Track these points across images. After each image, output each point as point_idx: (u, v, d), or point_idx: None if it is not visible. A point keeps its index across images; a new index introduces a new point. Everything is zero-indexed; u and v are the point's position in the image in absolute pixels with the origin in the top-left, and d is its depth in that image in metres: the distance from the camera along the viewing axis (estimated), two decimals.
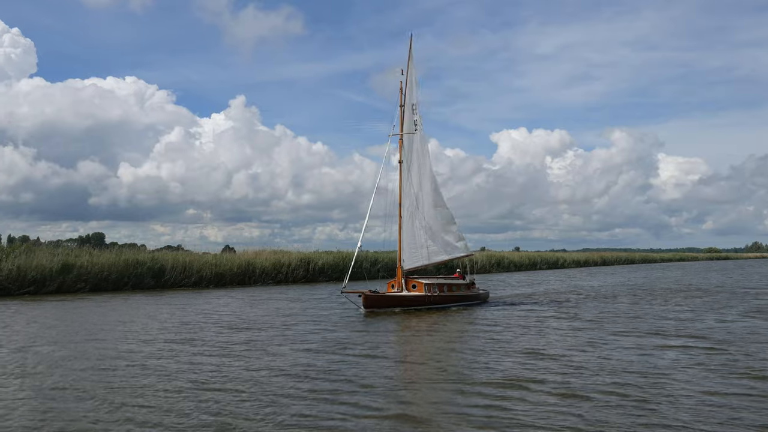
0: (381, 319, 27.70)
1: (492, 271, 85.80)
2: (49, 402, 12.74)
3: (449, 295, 34.07)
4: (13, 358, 17.84)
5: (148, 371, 15.77)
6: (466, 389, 13.78)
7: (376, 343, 20.80)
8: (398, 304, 31.73)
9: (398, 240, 33.93)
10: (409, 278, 33.51)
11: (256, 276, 53.40)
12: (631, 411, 12.03)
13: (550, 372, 15.63)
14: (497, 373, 15.46)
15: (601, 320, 26.65)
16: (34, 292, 39.49)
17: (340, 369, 16.12)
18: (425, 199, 34.78)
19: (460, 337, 22.36)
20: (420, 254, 34.11)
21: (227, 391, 13.55)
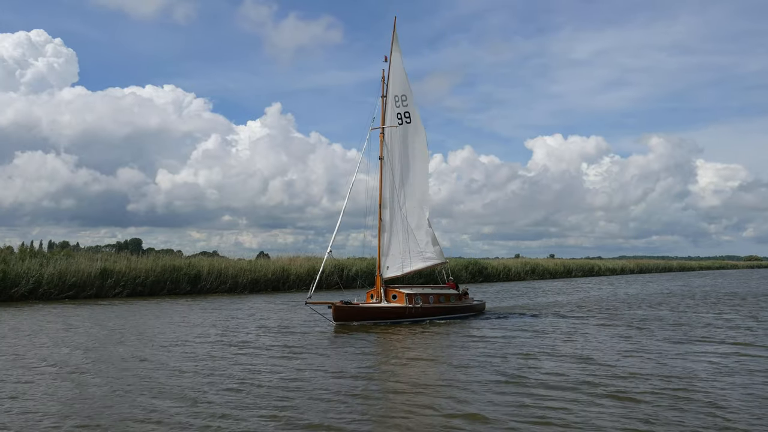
0: (349, 336, 24.49)
1: (526, 278, 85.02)
2: (101, 399, 12.89)
3: (435, 306, 30.56)
4: (73, 357, 18.30)
5: (185, 371, 15.91)
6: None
7: (323, 366, 17.24)
8: (374, 317, 28.41)
9: (378, 245, 30.85)
10: (389, 288, 30.23)
11: (290, 282, 53.64)
12: (693, 415, 11.88)
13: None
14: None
15: (645, 328, 26.21)
16: (74, 297, 40.13)
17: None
18: (412, 200, 31.46)
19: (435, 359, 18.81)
20: (405, 261, 30.99)
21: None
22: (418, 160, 31.69)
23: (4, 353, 19.42)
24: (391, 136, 31.50)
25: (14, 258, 40.93)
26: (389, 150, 31.39)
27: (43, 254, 44.22)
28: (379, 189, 31.09)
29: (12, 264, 39.35)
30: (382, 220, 30.92)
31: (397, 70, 31.43)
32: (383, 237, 30.87)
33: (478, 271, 75.86)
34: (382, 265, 30.68)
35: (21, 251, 43.78)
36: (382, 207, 31.01)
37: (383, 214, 30.96)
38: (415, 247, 31.32)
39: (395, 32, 31.75)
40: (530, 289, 60.58)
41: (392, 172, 31.26)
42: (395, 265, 30.90)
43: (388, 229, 31.03)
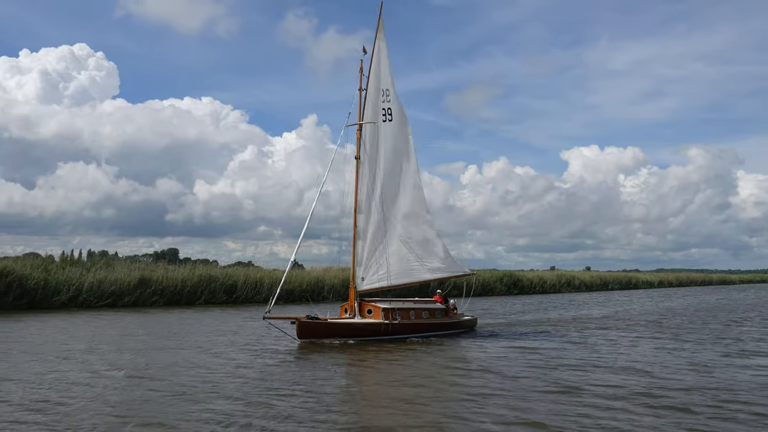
0: (313, 356, 21.65)
1: (562, 290, 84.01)
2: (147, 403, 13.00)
3: (416, 322, 27.56)
4: (136, 361, 18.68)
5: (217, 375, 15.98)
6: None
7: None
8: (344, 334, 25.49)
9: (352, 254, 27.95)
10: (364, 301, 27.35)
11: (324, 292, 53.69)
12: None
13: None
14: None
15: (692, 340, 25.63)
16: (112, 305, 40.68)
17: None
18: (399, 205, 28.71)
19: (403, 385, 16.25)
20: (388, 271, 27.97)
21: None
22: (404, 161, 29.15)
23: (72, 359, 19.90)
24: (371, 134, 28.55)
25: (55, 266, 41.71)
26: (367, 149, 28.43)
27: (83, 263, 44.94)
28: (354, 192, 28.11)
29: (53, 272, 40.11)
30: (357, 227, 27.94)
31: (382, 61, 28.80)
32: (358, 245, 27.94)
33: (513, 283, 75.21)
34: (357, 276, 27.81)
35: (62, 260, 44.56)
36: (358, 212, 28.02)
37: (358, 220, 27.97)
38: (406, 257, 28.46)
39: (381, 19, 29.16)
40: (567, 302, 59.83)
41: (371, 174, 28.34)
42: (373, 277, 27.86)
43: (364, 236, 27.98)
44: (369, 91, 28.59)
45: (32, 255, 49.92)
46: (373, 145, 28.48)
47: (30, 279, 37.96)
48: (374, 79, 28.73)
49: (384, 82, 28.84)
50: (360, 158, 28.21)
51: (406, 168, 29.14)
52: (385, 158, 28.65)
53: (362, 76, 28.60)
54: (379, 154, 28.58)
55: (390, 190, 28.65)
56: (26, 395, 14.69)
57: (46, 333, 26.72)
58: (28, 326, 29.12)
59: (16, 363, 19.11)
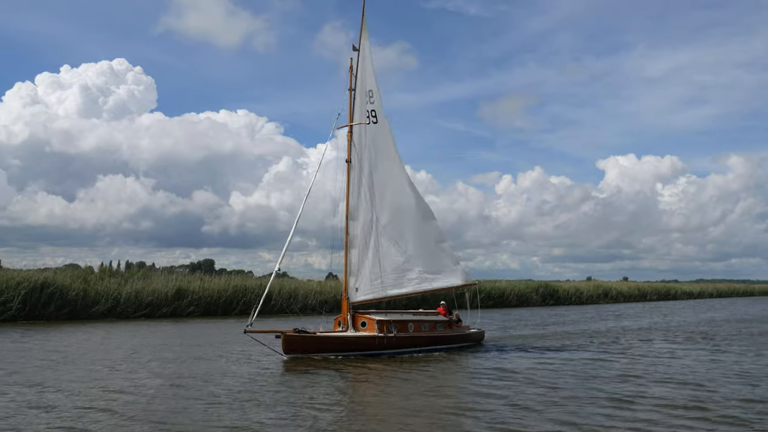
0: (300, 373, 19.96)
1: (599, 301, 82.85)
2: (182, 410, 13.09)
3: (415, 336, 25.71)
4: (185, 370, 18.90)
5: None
6: None
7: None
8: (334, 349, 23.74)
9: (344, 263, 26.32)
10: (358, 314, 25.56)
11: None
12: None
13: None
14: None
15: (738, 351, 25.04)
16: (149, 315, 41.19)
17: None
18: (391, 211, 27.21)
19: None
20: (383, 281, 26.34)
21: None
22: (392, 165, 27.69)
23: (115, 368, 20.29)
24: (360, 136, 27.20)
25: (95, 277, 42.42)
26: (357, 152, 27.01)
27: (122, 274, 45.65)
28: (346, 198, 26.59)
29: (93, 283, 40.80)
30: (350, 234, 26.50)
31: (366, 60, 27.38)
32: (351, 253, 26.41)
33: (549, 294, 74.42)
34: (350, 286, 26.15)
35: (101, 271, 45.30)
36: (350, 218, 26.57)
37: (351, 227, 26.54)
38: (403, 266, 26.91)
39: (364, 17, 27.52)
40: (605, 313, 58.91)
41: (361, 179, 26.87)
42: (367, 287, 26.28)
43: (356, 244, 26.45)
44: (358, 92, 27.29)
45: (72, 266, 50.92)
46: (363, 147, 27.14)
47: (70, 290, 38.66)
48: (360, 80, 27.31)
49: (368, 83, 27.40)
50: (351, 161, 26.84)
51: (397, 172, 27.78)
52: (375, 162, 27.31)
53: (352, 75, 27.28)
54: (369, 158, 27.22)
55: (382, 195, 27.19)
56: (72, 403, 14.91)
57: (89, 342, 27.16)
58: (70, 336, 29.62)
59: (61, 372, 19.41)
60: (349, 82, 27.31)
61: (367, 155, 27.17)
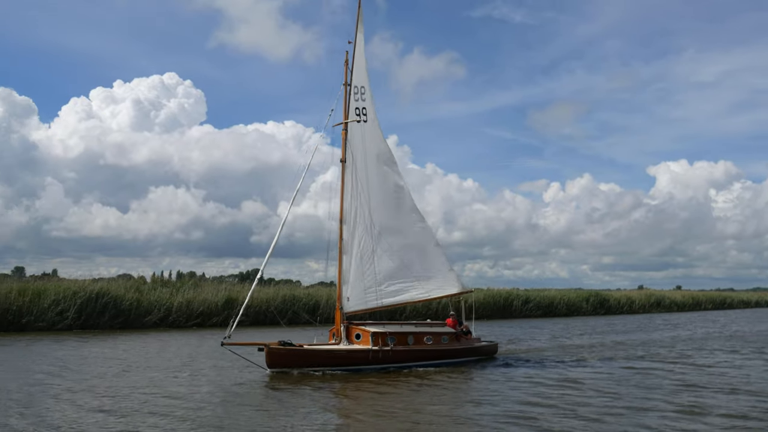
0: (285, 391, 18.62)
1: (651, 311, 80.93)
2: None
3: (416, 349, 23.89)
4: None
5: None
6: None
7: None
8: (322, 363, 22.03)
9: (338, 270, 24.78)
10: (352, 325, 23.94)
11: (406, 312, 53.46)
12: None
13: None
14: None
15: None
16: (200, 325, 41.64)
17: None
18: (390, 213, 25.71)
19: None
20: (378, 290, 24.81)
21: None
22: (387, 166, 26.13)
23: (180, 376, 20.79)
24: (353, 135, 25.61)
25: (147, 287, 43.13)
26: (352, 151, 25.40)
27: (173, 284, 46.34)
28: (340, 200, 25.07)
29: (145, 293, 41.48)
30: (343, 240, 24.93)
31: (359, 55, 25.93)
32: (343, 260, 24.85)
33: (599, 303, 72.96)
34: (342, 295, 24.60)
35: (153, 281, 46.08)
36: (343, 223, 25.06)
37: (343, 232, 24.98)
38: (397, 273, 25.25)
39: (360, 8, 26.08)
40: (659, 322, 57.51)
41: (355, 180, 25.29)
42: (360, 297, 24.73)
43: (349, 250, 24.97)
44: (351, 87, 25.83)
45: (125, 276, 51.93)
46: (357, 146, 25.55)
47: (124, 299, 39.38)
48: (355, 76, 25.82)
49: (359, 79, 25.83)
50: (345, 161, 25.26)
51: (391, 173, 26.19)
52: (369, 162, 25.77)
53: (347, 69, 25.76)
54: (364, 157, 25.66)
55: (376, 198, 25.58)
56: (138, 407, 15.37)
57: (146, 351, 27.61)
58: (127, 345, 30.14)
59: (124, 379, 19.89)
60: (344, 77, 25.73)
61: (359, 155, 25.60)
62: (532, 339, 37.08)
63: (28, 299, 36.39)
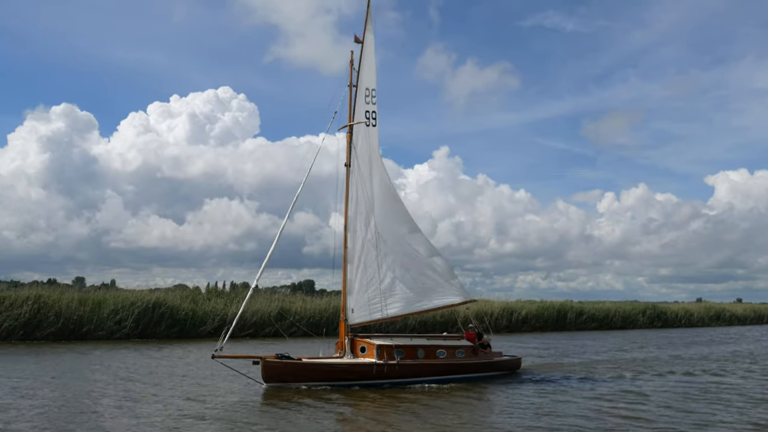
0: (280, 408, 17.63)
1: (711, 324, 78.59)
2: None
3: (425, 363, 22.60)
4: None
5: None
6: None
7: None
8: (322, 378, 21.02)
9: (342, 280, 23.94)
10: (357, 338, 23.10)
11: (458, 325, 53.15)
12: None
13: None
14: None
15: None
16: (253, 335, 42.11)
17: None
18: (392, 220, 24.75)
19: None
20: (383, 301, 23.84)
21: None
22: (383, 173, 25.28)
23: (241, 382, 21.38)
24: (357, 138, 24.73)
25: (202, 298, 43.92)
26: (357, 155, 24.48)
27: (227, 294, 47.06)
28: (345, 206, 24.21)
29: (200, 303, 42.23)
30: (347, 248, 24.07)
31: (368, 56, 24.99)
32: (348, 269, 24.04)
33: (656, 315, 71.24)
34: (347, 306, 23.72)
35: (208, 291, 46.87)
36: (347, 230, 24.22)
37: (348, 239, 24.14)
38: (399, 283, 24.35)
39: (369, 7, 25.15)
40: (720, 335, 55.79)
41: (359, 186, 24.32)
42: (365, 308, 23.88)
43: (353, 259, 24.05)
44: (359, 90, 24.95)
45: (181, 286, 52.89)
46: (363, 151, 24.73)
47: (180, 309, 40.19)
48: (363, 77, 25.06)
49: (369, 81, 25.10)
50: (350, 165, 24.37)
51: (384, 180, 25.25)
52: (374, 167, 25.04)
53: (353, 70, 24.89)
54: (368, 162, 24.90)
55: (379, 205, 24.77)
56: (202, 411, 16.01)
57: (205, 359, 27.98)
58: (186, 353, 30.86)
59: (191, 386, 20.75)
60: (349, 78, 24.93)
61: (366, 160, 24.88)
62: (575, 353, 36.33)
63: (88, 309, 37.48)
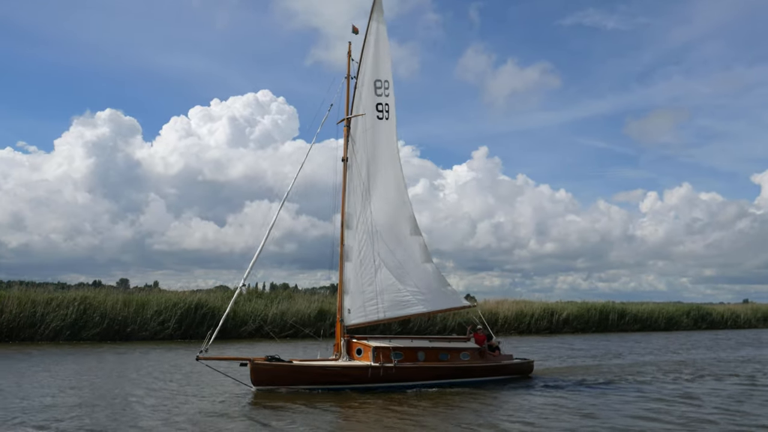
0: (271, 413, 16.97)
1: (758, 326, 76.65)
2: None
3: (426, 366, 21.66)
4: None
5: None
6: None
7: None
8: (313, 381, 20.15)
9: (339, 280, 23.11)
10: (353, 339, 22.12)
11: (498, 326, 52.77)
12: None
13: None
14: None
15: None
16: (293, 336, 42.31)
17: None
18: (388, 221, 23.86)
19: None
20: (380, 301, 22.94)
21: None
22: (392, 169, 24.27)
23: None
24: (360, 132, 23.75)
25: (243, 299, 44.24)
26: (357, 150, 23.55)
27: (267, 295, 47.42)
28: (342, 203, 23.35)
29: (241, 304, 42.56)
30: (344, 245, 23.23)
31: (381, 46, 24.05)
32: (346, 268, 23.18)
33: (701, 317, 69.73)
34: (343, 306, 22.84)
35: (248, 292, 47.23)
36: (345, 227, 23.39)
37: (345, 237, 23.33)
38: (397, 285, 23.41)
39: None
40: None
41: (359, 181, 23.56)
42: (362, 309, 23.01)
43: (350, 257, 23.26)
44: (362, 81, 23.93)
45: (222, 288, 53.38)
46: (364, 145, 23.77)
47: (221, 310, 40.47)
48: (368, 67, 24.04)
49: (382, 72, 24.08)
50: (348, 161, 23.54)
51: (396, 178, 24.40)
52: (376, 163, 23.97)
53: (350, 60, 23.92)
54: (372, 158, 23.93)
55: (382, 203, 23.91)
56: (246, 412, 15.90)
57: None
58: (219, 353, 30.91)
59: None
60: (347, 69, 23.92)
61: (370, 154, 23.90)
62: (604, 355, 35.65)
63: (132, 310, 38.11)
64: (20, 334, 34.71)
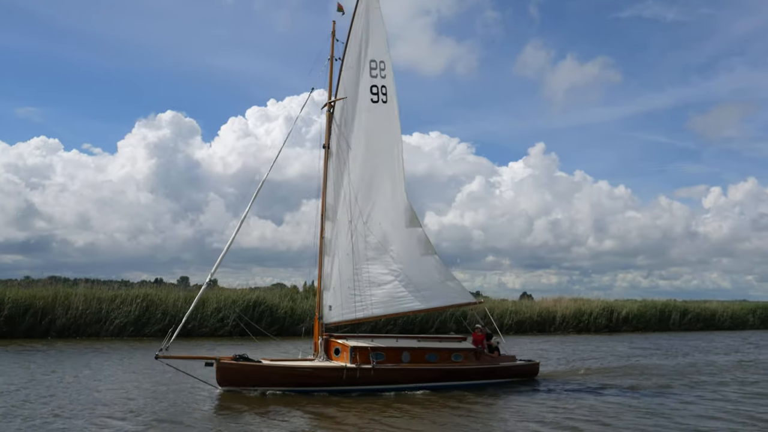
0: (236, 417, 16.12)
1: None
2: None
3: (410, 368, 20.19)
4: None
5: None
6: None
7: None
8: (283, 382, 19.02)
9: (318, 275, 21.97)
10: (332, 338, 20.92)
11: (556, 324, 52.13)
12: None
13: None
14: None
15: None
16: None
17: None
18: (385, 210, 22.42)
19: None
20: (366, 298, 21.55)
21: None
22: (389, 156, 22.82)
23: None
24: (346, 117, 22.35)
25: (300, 296, 44.83)
26: (340, 136, 22.14)
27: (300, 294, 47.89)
28: (322, 193, 22.12)
29: (298, 302, 43.11)
30: (324, 238, 22.00)
31: (373, 24, 22.49)
32: (324, 262, 21.98)
33: (767, 316, 67.56)
34: (323, 303, 21.65)
35: (305, 290, 47.79)
36: (326, 218, 22.14)
37: (326, 229, 22.13)
38: (390, 280, 22.03)
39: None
40: None
41: (342, 169, 22.13)
42: (343, 306, 21.74)
43: (331, 251, 22.00)
44: (348, 62, 22.41)
45: (279, 285, 54.17)
46: (348, 131, 22.35)
47: (279, 308, 41.18)
48: (357, 47, 22.50)
49: (375, 52, 22.53)
50: (329, 148, 22.19)
51: (392, 165, 22.86)
52: (368, 150, 22.51)
53: (334, 40, 22.53)
54: (359, 144, 22.47)
55: (370, 192, 22.48)
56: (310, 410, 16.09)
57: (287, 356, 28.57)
58: (293, 350, 31.51)
59: None
60: (330, 50, 22.55)
61: (362, 140, 22.52)
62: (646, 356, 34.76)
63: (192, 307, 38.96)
64: (87, 330, 35.83)
